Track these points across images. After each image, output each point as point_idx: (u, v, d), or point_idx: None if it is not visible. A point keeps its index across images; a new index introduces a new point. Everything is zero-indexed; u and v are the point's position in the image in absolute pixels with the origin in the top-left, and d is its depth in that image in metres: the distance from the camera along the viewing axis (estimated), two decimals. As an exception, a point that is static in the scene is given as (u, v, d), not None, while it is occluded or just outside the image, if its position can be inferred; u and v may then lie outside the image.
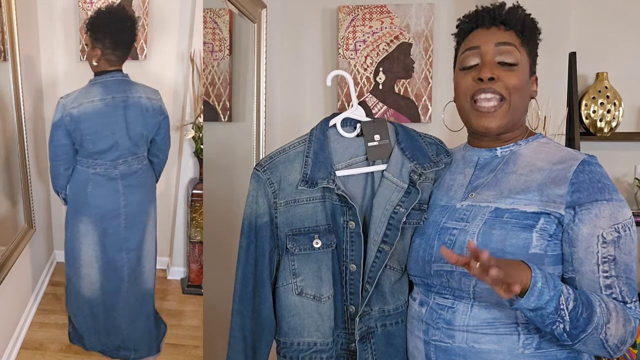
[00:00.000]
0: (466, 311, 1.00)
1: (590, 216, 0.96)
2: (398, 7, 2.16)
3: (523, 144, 1.09)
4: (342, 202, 1.10)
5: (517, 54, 1.04)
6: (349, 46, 2.18)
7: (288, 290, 1.12)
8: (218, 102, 2.07)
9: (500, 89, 1.03)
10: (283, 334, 1.14)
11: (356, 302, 1.11)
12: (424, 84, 2.16)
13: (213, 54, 2.06)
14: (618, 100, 2.07)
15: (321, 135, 1.14)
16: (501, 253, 0.96)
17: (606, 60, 2.14)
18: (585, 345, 0.93)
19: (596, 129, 2.10)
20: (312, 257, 1.11)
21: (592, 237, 0.96)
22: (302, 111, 2.30)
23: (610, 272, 0.95)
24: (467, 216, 1.04)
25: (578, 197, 0.97)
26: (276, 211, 1.12)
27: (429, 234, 1.07)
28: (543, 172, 1.02)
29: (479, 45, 1.06)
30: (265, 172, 1.13)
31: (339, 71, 1.18)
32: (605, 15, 2.13)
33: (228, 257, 2.10)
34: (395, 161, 1.12)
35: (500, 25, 1.06)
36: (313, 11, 2.25)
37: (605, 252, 0.95)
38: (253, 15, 1.93)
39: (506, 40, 1.04)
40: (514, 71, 1.04)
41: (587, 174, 0.98)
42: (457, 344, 1.00)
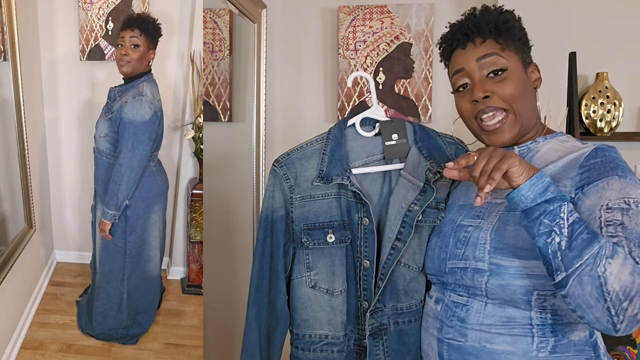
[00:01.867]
0: (480, 309, 0.99)
1: (596, 189, 0.91)
2: (398, 7, 2.16)
3: (541, 141, 1.06)
4: (357, 199, 1.12)
5: (501, 60, 1.02)
6: (349, 46, 2.18)
7: (302, 282, 1.15)
8: (218, 102, 2.07)
9: (497, 103, 1.01)
10: (296, 326, 1.17)
11: (369, 297, 1.13)
12: (424, 84, 2.16)
13: (213, 54, 2.06)
14: (618, 100, 2.07)
15: (339, 133, 1.17)
16: (514, 249, 0.95)
17: (606, 60, 2.14)
18: (581, 285, 0.82)
19: (596, 129, 2.10)
20: (326, 252, 1.14)
21: (595, 207, 0.89)
22: (302, 111, 2.30)
23: (617, 233, 0.86)
24: (482, 213, 1.03)
25: (587, 177, 0.93)
26: (292, 206, 1.15)
27: (446, 232, 1.08)
28: (558, 164, 0.99)
29: (462, 66, 1.05)
30: (282, 167, 1.16)
31: (360, 72, 1.20)
32: (605, 15, 2.13)
33: (228, 257, 2.10)
34: (412, 160, 1.14)
35: (474, 38, 1.04)
36: (313, 11, 2.25)
37: (609, 217, 0.88)
38: (253, 15, 1.93)
39: (485, 52, 1.03)
40: (505, 79, 1.02)
41: (600, 157, 0.94)
42: (469, 343, 0.99)
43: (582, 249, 0.83)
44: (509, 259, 0.95)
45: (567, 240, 0.83)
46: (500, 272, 0.96)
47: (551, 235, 0.84)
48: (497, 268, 0.96)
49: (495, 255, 0.96)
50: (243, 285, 2.02)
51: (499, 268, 0.96)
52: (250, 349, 1.17)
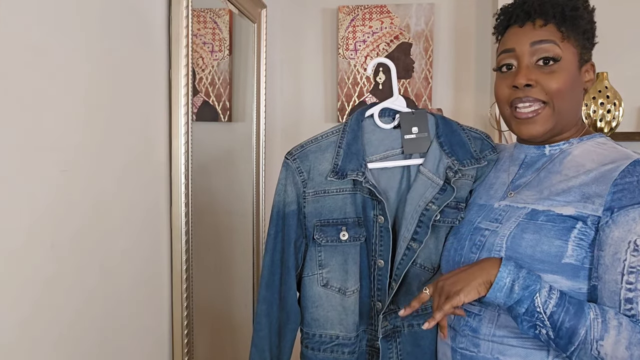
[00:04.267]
0: (493, 319, 0.95)
1: (627, 219, 0.84)
2: (398, 7, 2.16)
3: (575, 143, 0.98)
4: (372, 196, 1.08)
5: (557, 50, 0.93)
6: (349, 46, 2.18)
7: (313, 281, 1.11)
8: (218, 102, 2.06)
9: (538, 95, 0.93)
10: (306, 325, 1.13)
11: (383, 298, 1.09)
12: (424, 84, 2.16)
13: (213, 54, 2.06)
14: (618, 100, 2.07)
15: (356, 126, 1.10)
16: (530, 260, 0.89)
17: (606, 60, 2.14)
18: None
19: (596, 129, 2.10)
20: (339, 250, 1.09)
21: (622, 242, 0.84)
22: (302, 111, 2.30)
23: (636, 285, 0.83)
24: (502, 217, 0.97)
25: (619, 199, 0.85)
26: (304, 200, 1.10)
27: (462, 233, 1.02)
28: (590, 174, 0.91)
29: (513, 47, 0.96)
30: (295, 160, 1.10)
31: (381, 59, 1.13)
32: (605, 15, 2.13)
33: (228, 257, 2.10)
34: (433, 156, 1.08)
35: (535, 19, 0.94)
36: (313, 11, 2.25)
37: (634, 262, 0.83)
38: (253, 15, 1.93)
39: (543, 38, 0.93)
40: (554, 72, 0.93)
41: (637, 176, 0.86)
42: (482, 354, 0.95)
43: (570, 337, 0.82)
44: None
45: (553, 330, 0.83)
46: None
47: (537, 328, 0.84)
48: None
49: None
50: (237, 286, 2.03)
51: None
52: (260, 344, 1.14)
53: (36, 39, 0.86)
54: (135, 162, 1.16)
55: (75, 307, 0.97)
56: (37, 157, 0.87)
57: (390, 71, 1.13)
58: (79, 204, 0.97)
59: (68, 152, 0.94)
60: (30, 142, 0.85)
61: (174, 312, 1.31)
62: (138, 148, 1.17)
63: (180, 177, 1.28)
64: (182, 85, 1.26)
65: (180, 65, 1.26)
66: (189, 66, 1.28)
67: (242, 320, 2.00)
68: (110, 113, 1.07)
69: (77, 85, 0.96)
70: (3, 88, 0.79)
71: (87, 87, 0.99)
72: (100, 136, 1.03)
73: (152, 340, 1.26)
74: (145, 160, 1.20)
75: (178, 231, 1.29)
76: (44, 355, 0.90)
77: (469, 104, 2.20)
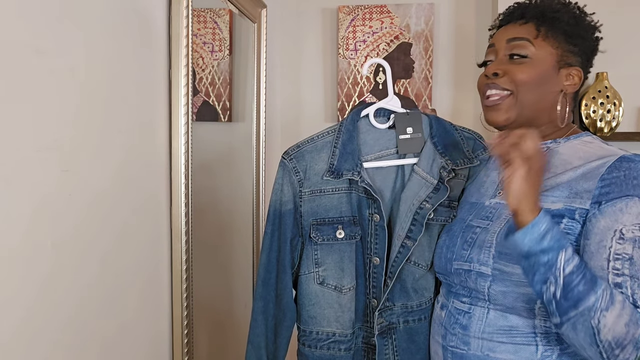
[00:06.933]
0: (482, 317, 0.97)
1: (614, 209, 0.87)
2: (398, 7, 2.16)
3: (562, 142, 1.03)
4: (368, 195, 1.10)
5: (529, 48, 1.00)
6: (349, 46, 2.18)
7: (310, 279, 1.13)
8: (218, 102, 2.06)
9: (505, 84, 1.01)
10: (303, 322, 1.16)
11: (378, 295, 1.11)
12: (424, 84, 2.16)
13: (213, 54, 2.06)
14: (618, 100, 2.07)
15: (351, 126, 1.13)
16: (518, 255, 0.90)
17: (606, 60, 2.14)
18: (575, 331, 0.83)
19: (596, 129, 2.10)
20: (335, 248, 1.11)
21: (608, 230, 0.86)
22: (302, 111, 2.30)
23: (623, 271, 0.84)
24: (492, 215, 1.01)
25: (607, 192, 0.88)
26: (301, 200, 1.12)
27: (455, 231, 1.06)
28: (577, 170, 0.95)
29: (494, 43, 1.06)
30: (291, 160, 1.13)
31: (376, 59, 1.16)
32: (605, 15, 2.13)
33: (228, 257, 2.10)
34: (427, 156, 1.10)
35: (518, 20, 1.04)
36: (313, 11, 2.25)
37: (620, 249, 0.85)
38: (253, 15, 1.93)
39: (517, 36, 1.02)
40: (523, 64, 1.00)
41: (624, 171, 0.89)
42: (472, 352, 0.97)
43: (577, 300, 0.82)
44: (513, 265, 0.92)
45: (563, 290, 0.82)
46: (503, 278, 0.93)
47: (547, 283, 0.83)
48: (501, 274, 0.94)
49: (500, 260, 0.94)
50: (237, 286, 2.03)
51: (502, 274, 0.93)
52: (256, 341, 1.16)
53: (36, 39, 0.86)
54: (135, 162, 1.16)
55: (74, 306, 0.97)
56: (37, 157, 0.87)
57: (387, 71, 1.15)
58: (79, 203, 0.97)
59: (68, 152, 0.94)
60: (30, 142, 0.85)
61: (174, 312, 1.31)
62: (138, 148, 1.17)
63: (180, 177, 1.28)
64: (182, 85, 1.26)
65: (180, 65, 1.26)
66: (189, 66, 1.28)
67: (242, 320, 2.00)
68: (110, 113, 1.07)
69: (77, 85, 0.96)
70: (3, 88, 0.79)
71: (87, 87, 0.99)
72: (100, 136, 1.03)
73: (152, 340, 1.26)
74: (145, 160, 1.20)
75: (178, 231, 1.29)
76: (42, 354, 0.90)
77: (468, 104, 2.21)
